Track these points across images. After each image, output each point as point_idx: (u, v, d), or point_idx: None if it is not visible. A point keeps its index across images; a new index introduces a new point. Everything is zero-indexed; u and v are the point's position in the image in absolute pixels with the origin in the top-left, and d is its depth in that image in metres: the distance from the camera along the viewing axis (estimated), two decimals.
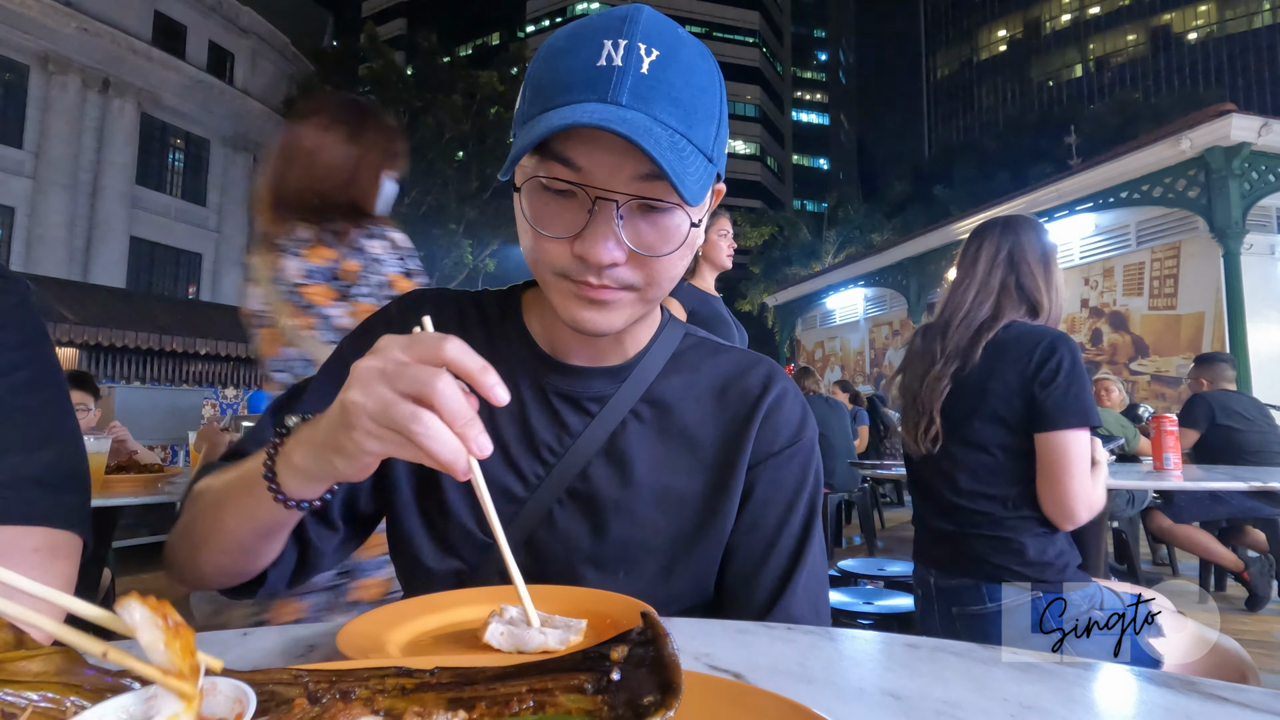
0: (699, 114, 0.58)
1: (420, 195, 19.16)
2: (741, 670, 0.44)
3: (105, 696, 0.33)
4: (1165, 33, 53.48)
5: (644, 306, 0.64)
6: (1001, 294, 1.52)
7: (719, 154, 0.62)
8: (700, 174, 0.58)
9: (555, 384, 0.70)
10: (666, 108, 0.56)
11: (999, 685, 0.42)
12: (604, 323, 0.62)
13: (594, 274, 0.59)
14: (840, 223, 29.83)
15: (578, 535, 0.68)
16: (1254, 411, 3.47)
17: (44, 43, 16.59)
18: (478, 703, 0.38)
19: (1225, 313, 6.45)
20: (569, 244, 0.59)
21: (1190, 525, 3.37)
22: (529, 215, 0.60)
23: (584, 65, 0.56)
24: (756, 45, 55.16)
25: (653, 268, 0.61)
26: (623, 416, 0.70)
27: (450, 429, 0.44)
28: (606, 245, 0.57)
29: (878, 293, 12.48)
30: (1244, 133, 6.30)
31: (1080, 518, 1.35)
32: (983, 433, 1.44)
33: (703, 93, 0.59)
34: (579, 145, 0.56)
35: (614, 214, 0.57)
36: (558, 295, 0.63)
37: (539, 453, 0.69)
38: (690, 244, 0.62)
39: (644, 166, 0.56)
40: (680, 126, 0.57)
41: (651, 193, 0.57)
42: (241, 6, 21.82)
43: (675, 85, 0.57)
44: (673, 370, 0.73)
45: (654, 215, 0.59)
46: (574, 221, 0.58)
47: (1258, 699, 0.39)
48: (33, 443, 0.58)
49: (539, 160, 0.58)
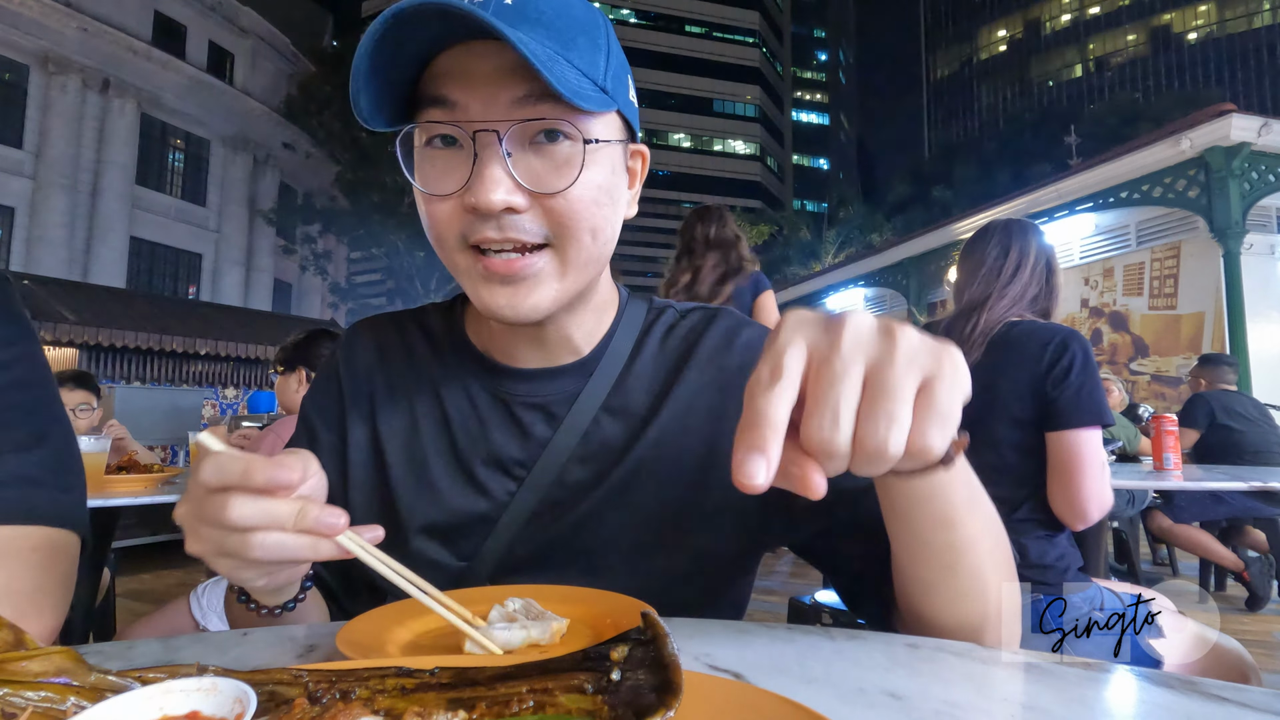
0: (578, 40, 0.53)
1: None
2: (741, 670, 0.44)
3: (105, 696, 0.33)
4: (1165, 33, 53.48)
5: (569, 276, 0.57)
6: (1012, 293, 1.51)
7: (617, 90, 0.56)
8: (587, 89, 0.52)
9: (515, 391, 0.64)
10: (535, 29, 0.51)
11: (999, 685, 0.42)
12: (526, 305, 0.56)
13: (493, 226, 0.53)
14: (840, 223, 29.89)
15: (559, 543, 0.63)
16: (1254, 411, 3.47)
17: (44, 43, 16.60)
18: (478, 703, 0.38)
19: (1225, 313, 6.45)
20: (459, 200, 0.53)
21: (1190, 525, 3.37)
22: (416, 178, 0.55)
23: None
24: (756, 45, 55.16)
25: (560, 211, 0.54)
26: (593, 415, 0.64)
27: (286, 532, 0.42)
28: (497, 185, 0.51)
29: (878, 293, 12.47)
30: (1244, 133, 6.30)
31: (1092, 517, 1.33)
32: (993, 430, 1.42)
33: (580, 23, 0.54)
34: (448, 80, 0.52)
35: (499, 149, 0.51)
36: (468, 279, 0.57)
37: (507, 470, 0.64)
38: (601, 185, 0.56)
39: (521, 88, 0.51)
40: (554, 45, 0.52)
41: (535, 115, 0.52)
42: (241, 6, 21.84)
43: (545, 14, 0.52)
44: (640, 350, 0.67)
45: (546, 147, 0.53)
46: (461, 172, 0.53)
47: (1258, 699, 0.39)
48: (26, 442, 0.57)
49: (417, 114, 0.54)
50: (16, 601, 0.52)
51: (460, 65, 0.52)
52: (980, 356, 1.46)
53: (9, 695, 0.32)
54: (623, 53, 0.60)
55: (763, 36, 56.52)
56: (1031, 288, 1.51)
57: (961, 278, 1.60)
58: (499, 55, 0.51)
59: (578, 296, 0.60)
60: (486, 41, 0.50)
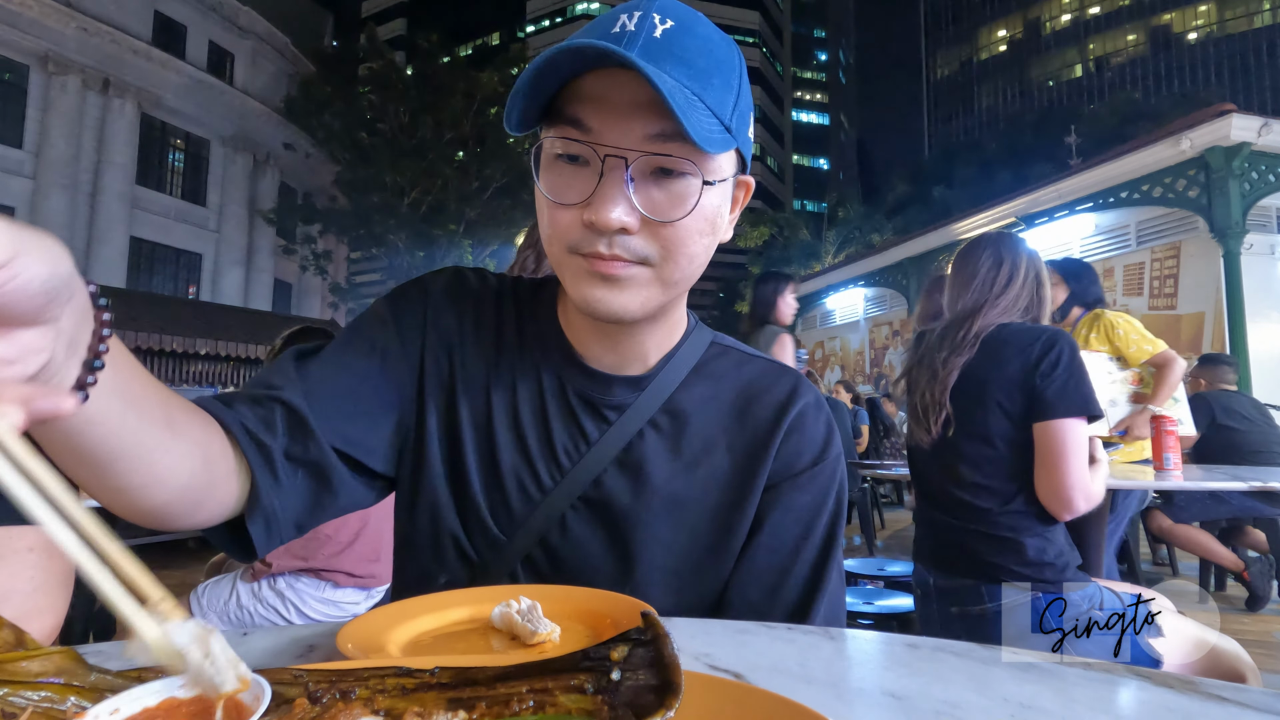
0: (714, 80, 0.57)
1: (420, 195, 19.17)
2: (741, 670, 0.44)
3: (105, 696, 0.33)
4: (1165, 33, 53.47)
5: (661, 289, 0.61)
6: (1004, 302, 1.57)
7: (739, 129, 0.60)
8: (714, 132, 0.56)
9: (577, 386, 0.68)
10: (678, 67, 0.55)
11: (999, 685, 0.42)
12: (618, 303, 0.60)
13: (604, 243, 0.57)
14: (840, 223, 29.86)
15: (589, 541, 0.67)
16: (1254, 411, 3.47)
17: (44, 43, 16.59)
18: (478, 703, 0.38)
19: (1225, 313, 6.45)
20: (579, 213, 0.57)
21: (1190, 525, 3.37)
22: (543, 185, 0.59)
23: (597, 33, 0.56)
24: (756, 45, 55.15)
25: (667, 237, 0.58)
26: (640, 426, 0.68)
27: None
28: (616, 206, 0.56)
29: (877, 293, 12.47)
30: (1244, 133, 6.30)
31: (1078, 507, 1.36)
32: (985, 423, 1.47)
33: (719, 63, 0.58)
34: (588, 104, 0.56)
35: (624, 174, 0.56)
36: (570, 275, 0.61)
37: (556, 457, 0.67)
38: (709, 218, 0.60)
39: (654, 125, 0.55)
40: (692, 85, 0.55)
41: (663, 150, 0.56)
42: (241, 6, 21.83)
43: (689, 50, 0.56)
44: (695, 379, 0.71)
45: (667, 180, 0.58)
46: (585, 188, 0.57)
47: (1258, 699, 0.39)
48: None
49: (551, 128, 0.58)
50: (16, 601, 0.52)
51: (600, 91, 0.56)
52: (973, 355, 1.51)
53: (9, 695, 0.32)
54: (750, 91, 0.63)
55: (763, 36, 56.51)
56: (1023, 298, 1.58)
57: (954, 289, 1.65)
58: (637, 88, 0.54)
59: (661, 309, 0.64)
60: (629, 71, 0.53)
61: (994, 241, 1.64)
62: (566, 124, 0.57)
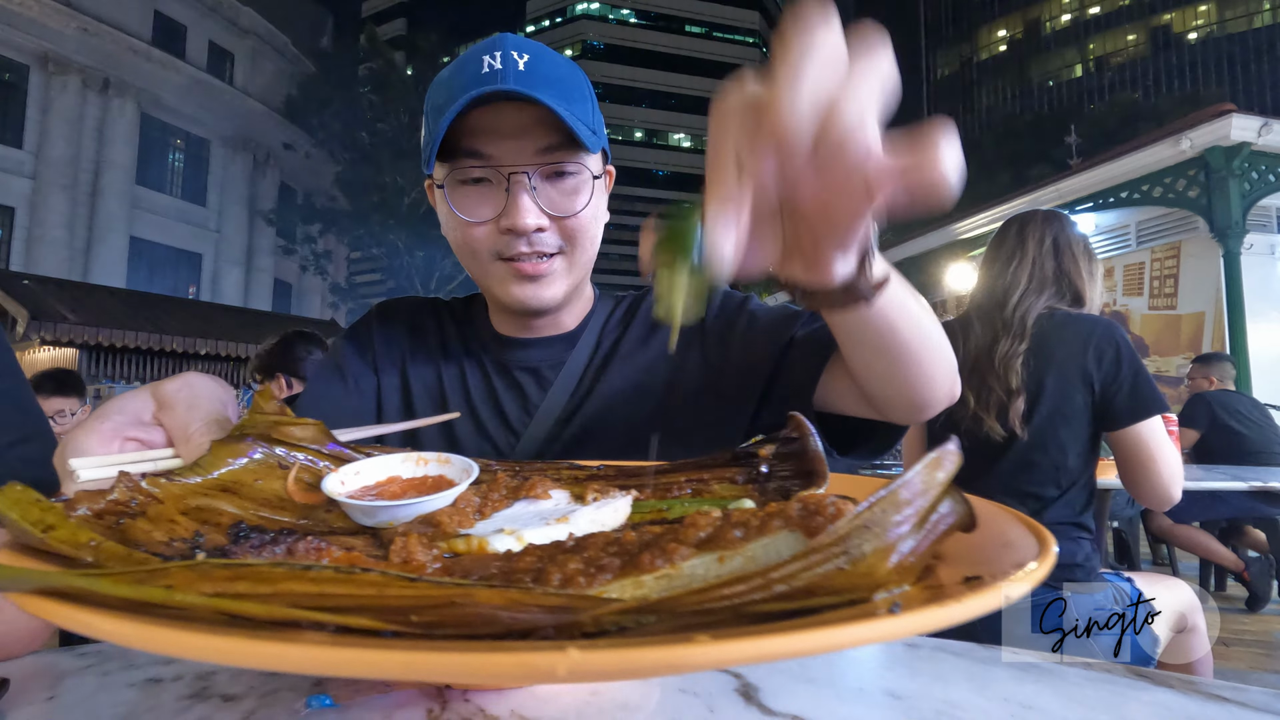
0: (574, 94, 0.69)
1: (420, 196, 19.16)
2: (741, 670, 0.44)
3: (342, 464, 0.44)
4: (1165, 33, 53.41)
5: (574, 273, 0.74)
6: (1051, 280, 1.49)
7: (600, 129, 0.73)
8: (588, 135, 0.67)
9: (515, 358, 0.79)
10: (547, 88, 0.65)
11: (999, 685, 0.42)
12: (546, 295, 0.72)
13: (524, 243, 0.69)
14: None
15: None
16: (1254, 411, 3.47)
17: (44, 43, 16.60)
18: (643, 488, 0.45)
19: (1225, 313, 6.44)
20: (494, 225, 0.69)
21: (1190, 525, 3.37)
22: (456, 208, 0.69)
23: (470, 76, 0.66)
24: (756, 45, 55.14)
25: (572, 228, 0.71)
26: (577, 378, 0.77)
27: None
28: (529, 213, 0.67)
29: None
30: (1244, 133, 6.29)
31: (1176, 496, 1.38)
32: (1038, 429, 1.41)
33: (575, 81, 0.71)
34: (482, 137, 0.67)
35: (528, 185, 0.67)
36: (497, 281, 0.72)
37: (508, 423, 0.77)
38: (598, 205, 0.73)
39: (544, 139, 0.67)
40: (563, 101, 0.66)
41: (556, 159, 0.68)
42: (241, 6, 21.84)
43: (550, 75, 0.67)
44: (614, 326, 0.82)
45: (561, 180, 0.70)
46: (495, 203, 0.69)
47: (1258, 699, 0.39)
48: (14, 439, 0.59)
49: (450, 165, 0.68)
50: None
51: (488, 123, 0.67)
52: (1026, 348, 1.42)
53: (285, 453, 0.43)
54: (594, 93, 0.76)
55: (763, 36, 56.49)
56: (1051, 272, 1.49)
57: (986, 272, 1.57)
58: (521, 112, 0.66)
59: (575, 290, 0.77)
60: (512, 101, 0.65)
61: (1039, 217, 1.54)
62: (465, 157, 0.67)
